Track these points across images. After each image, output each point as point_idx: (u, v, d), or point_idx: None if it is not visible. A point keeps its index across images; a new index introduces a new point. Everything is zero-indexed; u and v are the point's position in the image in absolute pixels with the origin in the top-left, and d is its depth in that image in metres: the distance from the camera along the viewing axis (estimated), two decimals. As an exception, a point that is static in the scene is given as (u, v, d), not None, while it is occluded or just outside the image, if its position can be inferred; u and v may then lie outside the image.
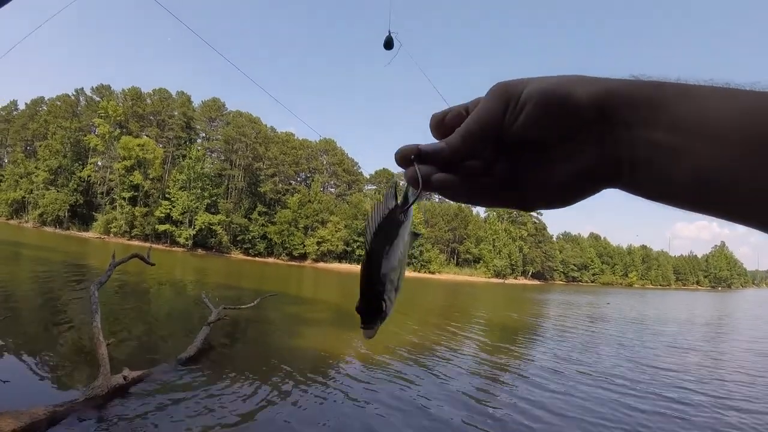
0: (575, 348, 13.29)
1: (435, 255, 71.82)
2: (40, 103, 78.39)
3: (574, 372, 9.88)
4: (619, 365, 11.14)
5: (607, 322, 22.20)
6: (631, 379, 9.52)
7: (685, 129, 0.28)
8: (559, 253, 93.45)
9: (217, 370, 7.29)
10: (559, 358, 11.53)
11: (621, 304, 39.54)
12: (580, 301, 40.18)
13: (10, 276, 15.62)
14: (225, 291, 18.72)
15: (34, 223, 67.40)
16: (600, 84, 0.33)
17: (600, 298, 45.98)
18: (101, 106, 66.41)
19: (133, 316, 11.56)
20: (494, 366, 9.97)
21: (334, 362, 9.04)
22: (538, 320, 21.72)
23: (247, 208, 64.51)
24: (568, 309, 29.65)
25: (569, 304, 35.00)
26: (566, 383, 8.76)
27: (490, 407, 6.98)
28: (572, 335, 16.38)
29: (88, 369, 6.35)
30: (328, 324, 14.40)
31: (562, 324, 20.16)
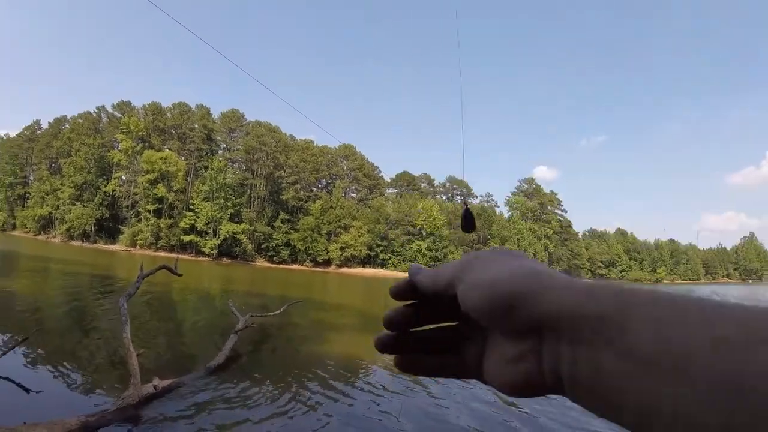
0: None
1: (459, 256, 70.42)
2: (63, 121, 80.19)
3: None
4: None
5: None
6: None
7: (641, 358, 0.23)
8: (586, 250, 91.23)
9: (245, 378, 7.27)
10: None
11: None
12: None
13: (40, 289, 15.76)
14: (251, 299, 18.69)
15: (61, 238, 68.64)
16: (550, 301, 0.28)
17: None
18: (123, 122, 67.39)
19: (161, 326, 11.62)
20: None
21: (361, 368, 8.95)
22: None
23: (270, 216, 64.51)
24: None
25: None
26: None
27: (520, 412, 6.81)
28: None
29: (118, 379, 6.36)
30: (354, 329, 14.27)
31: None
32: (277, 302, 14.83)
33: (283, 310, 12.53)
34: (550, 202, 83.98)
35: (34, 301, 13.01)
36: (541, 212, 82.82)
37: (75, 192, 68.47)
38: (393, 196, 75.15)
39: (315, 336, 12.22)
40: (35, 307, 12.14)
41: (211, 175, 62.25)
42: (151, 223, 63.38)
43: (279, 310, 12.47)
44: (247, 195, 66.05)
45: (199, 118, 67.75)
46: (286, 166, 65.10)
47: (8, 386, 5.61)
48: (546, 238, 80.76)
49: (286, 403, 6.36)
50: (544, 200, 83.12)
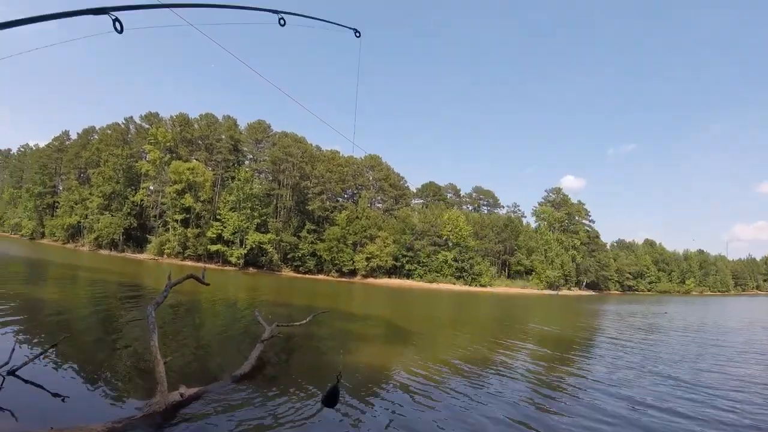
0: (634, 363, 12.20)
1: (486, 268, 69.35)
2: (92, 132, 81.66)
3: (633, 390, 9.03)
4: (683, 381, 10.06)
5: (667, 334, 20.84)
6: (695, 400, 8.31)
7: None
8: (614, 261, 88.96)
9: (271, 387, 7.21)
10: (616, 372, 10.73)
11: (680, 313, 37.77)
12: (637, 311, 38.63)
13: (68, 297, 15.83)
14: (277, 308, 18.75)
15: (90, 247, 69.45)
16: None
17: (657, 308, 44.41)
18: (151, 133, 68.20)
19: (188, 335, 11.65)
20: (550, 382, 9.32)
21: (386, 377, 8.82)
22: (594, 332, 20.63)
23: (296, 227, 64.27)
24: (625, 320, 28.67)
25: (626, 314, 33.80)
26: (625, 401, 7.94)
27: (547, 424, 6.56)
28: (630, 348, 15.29)
29: (145, 386, 6.32)
30: (380, 339, 14.18)
31: (619, 336, 18.97)
32: (303, 312, 14.78)
33: (309, 320, 12.48)
34: (578, 213, 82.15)
35: (63, 308, 13.05)
36: (568, 223, 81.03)
37: (103, 201, 69.30)
38: (419, 206, 74.36)
39: (341, 346, 11.99)
40: (64, 314, 12.15)
41: (238, 185, 62.40)
42: (178, 233, 63.69)
43: (305, 320, 12.44)
44: (273, 205, 66.01)
45: (226, 129, 68.21)
46: (312, 177, 64.91)
47: (36, 391, 5.73)
48: (573, 248, 78.84)
49: (312, 415, 6.19)
50: (572, 210, 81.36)
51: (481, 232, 70.72)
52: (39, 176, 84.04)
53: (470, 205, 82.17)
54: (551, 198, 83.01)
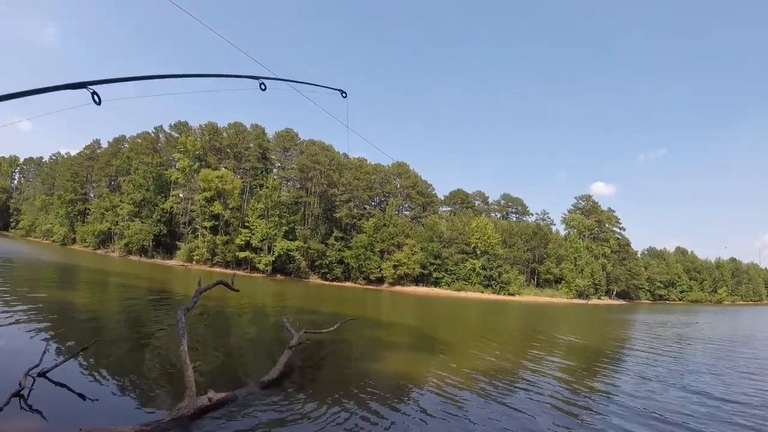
0: (665, 375, 11.81)
1: (514, 276, 68.12)
2: (122, 141, 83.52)
3: (666, 404, 8.68)
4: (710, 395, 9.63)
5: (698, 344, 20.32)
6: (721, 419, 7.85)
7: None
8: (645, 270, 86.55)
9: (298, 393, 7.17)
10: (647, 384, 10.38)
11: (711, 322, 36.50)
12: (668, 320, 37.52)
13: (99, 302, 16.04)
14: (304, 315, 18.72)
15: (120, 253, 70.68)
16: None
17: (689, 317, 43.18)
18: (180, 142, 69.29)
19: (216, 340, 11.68)
20: (576, 396, 9.03)
21: (413, 386, 8.72)
22: (623, 343, 20.10)
23: (324, 234, 64.27)
24: (657, 330, 27.64)
25: (656, 324, 32.76)
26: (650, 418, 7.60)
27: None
28: (662, 359, 14.82)
29: (173, 390, 6.29)
30: (407, 347, 14.09)
31: (651, 347, 18.46)
32: (330, 319, 14.81)
33: (337, 327, 12.44)
34: (608, 220, 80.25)
35: (93, 313, 13.21)
36: (598, 230, 79.19)
37: (134, 209, 70.50)
38: (446, 213, 73.67)
39: (368, 354, 11.95)
40: (94, 318, 12.28)
41: (266, 193, 62.80)
42: (207, 240, 64.28)
43: (333, 327, 12.43)
44: (301, 213, 66.25)
45: (254, 138, 68.88)
46: (340, 184, 64.97)
47: (66, 393, 5.77)
48: (604, 257, 76.95)
49: (339, 419, 6.11)
50: (602, 218, 79.53)
51: (509, 240, 69.60)
52: (70, 183, 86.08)
53: (498, 213, 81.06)
54: (581, 205, 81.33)
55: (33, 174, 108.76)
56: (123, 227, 71.35)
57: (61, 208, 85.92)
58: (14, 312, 11.17)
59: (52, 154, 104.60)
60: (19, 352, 7.80)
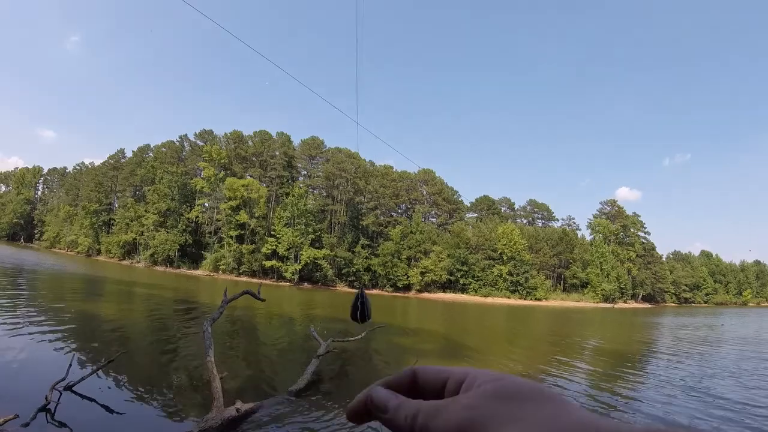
0: (686, 378, 11.77)
1: (541, 281, 67.72)
2: (147, 150, 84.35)
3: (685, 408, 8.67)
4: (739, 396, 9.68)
5: (723, 346, 20.21)
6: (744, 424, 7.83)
7: None
8: (670, 273, 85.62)
9: (326, 402, 7.04)
10: (674, 387, 10.35)
11: (737, 325, 35.85)
12: (694, 323, 36.89)
13: (125, 313, 15.98)
14: (331, 324, 18.74)
15: (145, 263, 71.15)
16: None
17: (714, 320, 42.54)
18: (205, 150, 69.93)
19: (244, 350, 11.65)
20: (606, 400, 8.98)
21: None
22: (649, 347, 20.06)
23: (351, 242, 64.37)
24: (681, 332, 27.23)
25: (683, 327, 32.38)
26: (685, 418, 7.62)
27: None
28: (685, 363, 14.78)
29: (200, 401, 6.23)
30: (434, 354, 14.00)
31: (675, 350, 18.40)
32: (358, 328, 14.58)
33: (364, 335, 12.36)
34: (633, 225, 79.60)
35: (119, 324, 13.15)
36: (623, 235, 78.54)
37: (159, 218, 71.08)
38: (473, 220, 73.50)
39: (396, 361, 11.88)
40: (120, 330, 12.20)
41: (292, 201, 63.06)
42: (233, 249, 64.67)
43: (360, 335, 12.31)
44: (327, 221, 66.48)
45: (279, 146, 69.35)
46: (366, 192, 65.15)
47: (93, 406, 5.66)
48: (629, 261, 76.25)
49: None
50: (627, 222, 78.92)
51: (535, 246, 69.21)
52: (95, 194, 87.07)
53: (524, 219, 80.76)
54: (606, 210, 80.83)
55: (57, 185, 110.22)
56: (148, 237, 71.94)
57: (85, 218, 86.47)
58: (39, 324, 11.30)
59: (76, 164, 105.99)
60: (45, 366, 7.81)
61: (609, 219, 78.45)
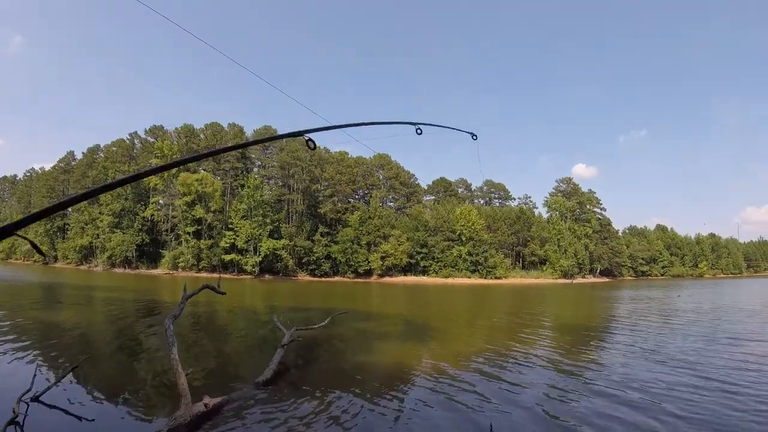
0: (649, 346, 12.39)
1: (500, 260, 69.09)
2: (97, 150, 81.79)
3: (643, 374, 9.12)
4: (699, 361, 10.17)
5: (681, 316, 20.78)
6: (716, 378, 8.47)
7: None
8: (627, 248, 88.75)
9: (294, 391, 7.21)
10: (633, 355, 10.89)
11: (693, 295, 37.59)
12: (651, 295, 38.39)
13: (86, 318, 15.75)
14: (295, 313, 18.79)
15: (103, 266, 69.18)
16: None
17: (671, 292, 44.18)
18: (156, 147, 68.32)
19: (208, 345, 11.66)
20: (567, 371, 9.42)
21: (406, 376, 8.83)
22: (609, 319, 20.66)
23: (309, 230, 64.12)
24: (639, 304, 28.65)
25: (640, 299, 33.65)
26: (643, 384, 8.00)
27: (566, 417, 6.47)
28: (646, 332, 15.40)
29: (169, 400, 6.27)
30: (398, 337, 14.29)
31: (634, 320, 19.14)
32: (321, 315, 14.92)
33: (328, 322, 12.55)
34: (589, 201, 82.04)
35: (81, 330, 12.99)
36: (580, 212, 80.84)
37: (114, 220, 69.17)
38: (431, 202, 74.24)
39: (361, 346, 11.98)
40: (82, 336, 12.06)
41: (248, 193, 62.31)
42: (191, 245, 63.48)
43: (323, 322, 12.46)
44: (285, 211, 65.93)
45: (232, 137, 68.31)
46: (322, 180, 64.94)
47: (61, 416, 5.58)
48: (586, 237, 78.55)
49: (336, 412, 6.18)
50: (583, 199, 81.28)
51: (493, 225, 70.52)
52: (47, 200, 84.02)
53: (482, 199, 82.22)
54: (562, 188, 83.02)
55: (8, 193, 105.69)
56: (104, 240, 69.92)
57: (39, 226, 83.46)
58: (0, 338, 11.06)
59: (26, 171, 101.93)
60: (9, 378, 7.70)
61: (565, 197, 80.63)
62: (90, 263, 73.59)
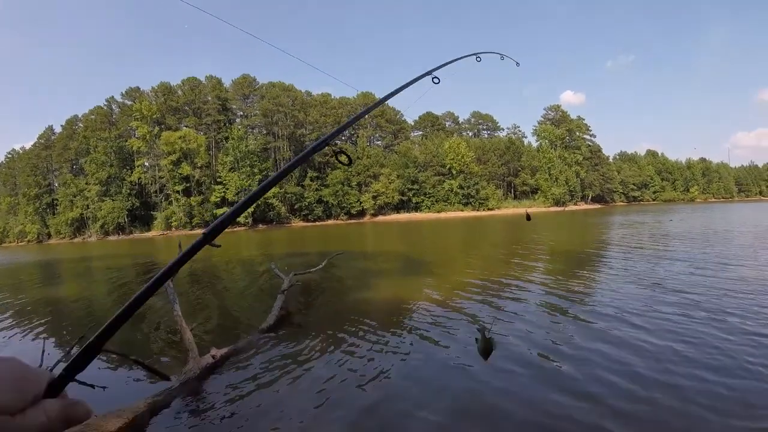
0: (642, 269, 12.13)
1: (492, 191, 69.33)
2: (75, 121, 79.91)
3: (641, 294, 8.97)
4: (692, 284, 9.89)
5: (672, 240, 20.06)
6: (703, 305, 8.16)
7: None
8: (618, 173, 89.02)
9: (298, 334, 7.37)
10: (625, 278, 10.80)
11: (684, 220, 37.65)
12: (643, 220, 38.53)
13: (86, 290, 15.46)
14: (292, 259, 18.60)
15: (97, 236, 69.13)
16: None
17: (662, 216, 44.19)
18: (135, 109, 66.81)
19: (209, 299, 11.67)
20: (563, 296, 9.27)
21: (405, 310, 8.85)
22: (603, 244, 20.09)
23: (299, 176, 63.84)
24: (631, 229, 28.52)
25: (633, 224, 33.64)
26: (631, 309, 7.93)
27: (562, 342, 6.46)
28: (637, 257, 14.83)
29: (177, 357, 6.52)
30: (395, 273, 14.07)
31: (627, 244, 18.73)
32: (318, 258, 14.68)
33: (325, 265, 12.56)
34: (578, 128, 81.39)
35: (83, 301, 12.89)
36: (569, 139, 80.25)
37: (101, 188, 68.61)
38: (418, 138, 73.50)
39: (359, 285, 11.79)
40: (85, 307, 12.00)
41: (233, 144, 61.57)
42: (182, 204, 63.35)
43: (320, 264, 12.49)
44: (272, 159, 65.37)
45: (210, 90, 66.64)
46: (307, 124, 63.98)
47: (74, 387, 5.32)
48: (577, 164, 78.50)
49: (342, 356, 6.34)
50: (572, 127, 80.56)
51: (483, 157, 70.24)
52: (32, 178, 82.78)
53: (470, 131, 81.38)
54: (550, 116, 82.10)
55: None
56: (95, 209, 69.63)
57: (28, 205, 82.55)
58: (3, 321, 10.99)
59: (7, 153, 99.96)
60: (19, 357, 7.82)
61: (554, 125, 79.89)
62: (83, 235, 73.41)
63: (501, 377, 5.32)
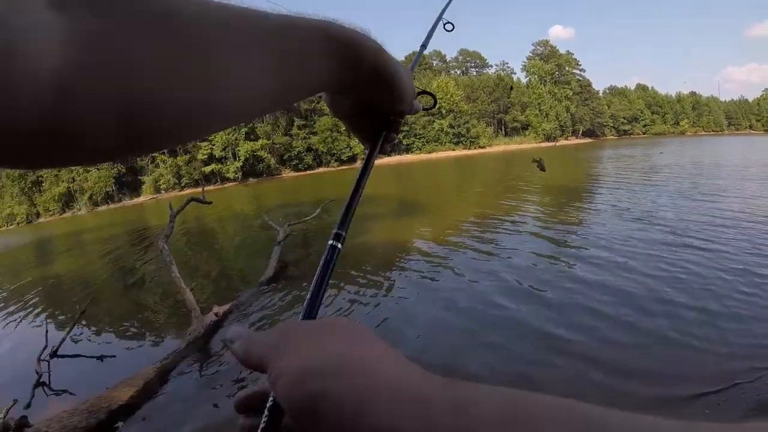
0: (633, 202, 12.54)
1: (482, 129, 68.63)
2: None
3: (628, 229, 9.21)
4: (676, 218, 10.08)
5: (660, 173, 20.56)
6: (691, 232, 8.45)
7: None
8: (608, 108, 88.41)
9: (297, 285, 7.41)
10: (617, 211, 11.22)
11: (675, 153, 37.82)
12: (633, 154, 38.56)
13: (82, 264, 15.52)
14: (287, 209, 18.65)
15: (86, 208, 68.21)
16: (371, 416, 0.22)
17: (652, 150, 44.36)
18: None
19: (206, 257, 11.75)
20: (558, 230, 9.67)
21: (401, 253, 9.07)
22: (594, 178, 20.64)
23: (286, 126, 62.61)
24: (622, 162, 29.42)
25: (623, 157, 33.86)
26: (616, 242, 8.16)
27: (558, 273, 6.71)
28: (625, 190, 15.30)
29: (181, 318, 6.49)
30: (389, 216, 14.41)
31: (618, 177, 19.31)
32: (312, 207, 14.53)
33: (319, 212, 12.53)
34: (567, 63, 79.92)
35: (80, 276, 12.90)
36: (559, 74, 78.90)
37: (85, 158, 67.28)
38: (407, 76, 71.89)
39: (353, 230, 10.89)
40: (82, 282, 11.99)
41: (214, 97, 59.95)
42: (169, 165, 62.27)
43: (314, 213, 12.42)
44: (256, 110, 63.86)
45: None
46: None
47: (83, 361, 5.81)
48: (567, 99, 77.61)
49: (342, 297, 6.46)
50: (561, 62, 79.05)
51: (472, 95, 69.12)
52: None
53: (458, 69, 79.80)
54: (539, 51, 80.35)
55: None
56: (81, 181, 68.50)
57: (13, 186, 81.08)
58: (5, 308, 10.52)
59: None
60: (23, 341, 7.61)
61: (543, 60, 78.48)
62: (72, 209, 72.40)
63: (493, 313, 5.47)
